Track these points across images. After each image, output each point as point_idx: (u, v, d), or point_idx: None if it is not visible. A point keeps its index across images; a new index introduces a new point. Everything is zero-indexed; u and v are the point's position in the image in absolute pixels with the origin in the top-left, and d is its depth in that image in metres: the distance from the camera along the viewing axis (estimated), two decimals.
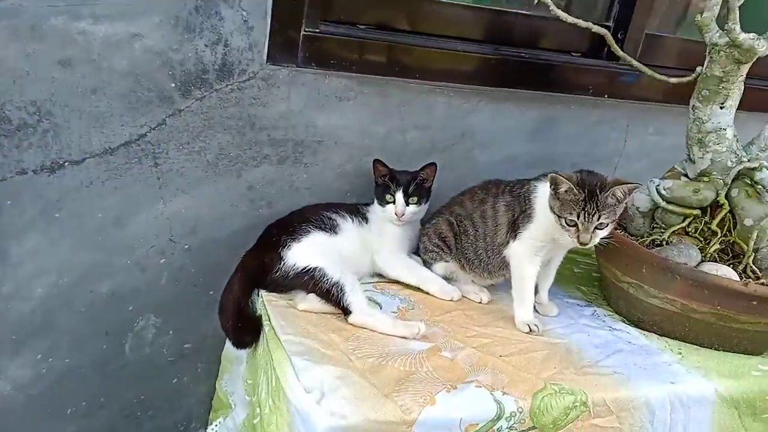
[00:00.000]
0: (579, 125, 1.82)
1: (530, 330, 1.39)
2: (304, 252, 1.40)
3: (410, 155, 1.66)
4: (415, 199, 1.54)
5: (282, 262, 1.38)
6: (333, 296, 1.34)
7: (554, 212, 1.31)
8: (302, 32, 1.46)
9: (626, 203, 1.34)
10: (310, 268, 1.37)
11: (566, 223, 1.29)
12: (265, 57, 1.44)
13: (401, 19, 1.64)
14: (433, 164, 1.56)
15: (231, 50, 1.41)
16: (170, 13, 1.35)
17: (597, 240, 1.30)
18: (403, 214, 1.53)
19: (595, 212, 1.27)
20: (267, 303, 1.39)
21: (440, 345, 1.31)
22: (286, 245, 1.40)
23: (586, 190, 1.27)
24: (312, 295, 1.37)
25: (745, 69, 1.37)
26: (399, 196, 1.53)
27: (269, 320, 1.34)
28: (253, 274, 1.41)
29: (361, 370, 1.19)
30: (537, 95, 1.75)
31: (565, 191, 1.28)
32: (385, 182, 1.55)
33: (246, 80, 1.45)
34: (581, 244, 1.29)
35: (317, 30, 1.49)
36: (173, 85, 1.40)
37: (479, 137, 1.73)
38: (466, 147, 1.72)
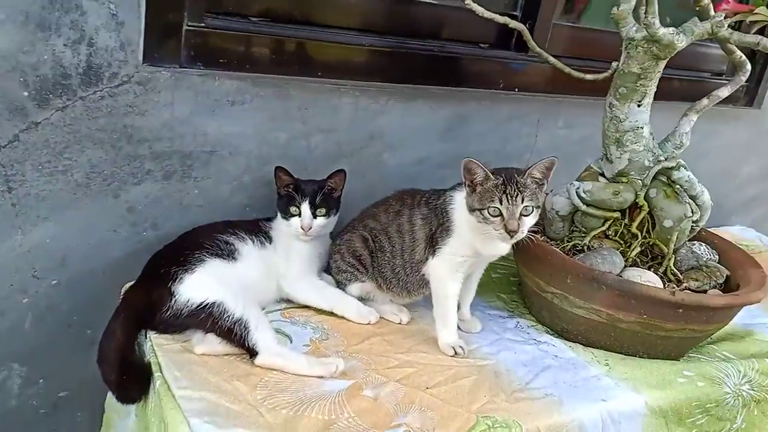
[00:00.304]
0: (490, 122, 1.74)
1: (455, 353, 1.29)
2: (199, 285, 1.21)
3: (316, 162, 1.50)
4: (323, 210, 1.39)
5: (173, 299, 1.19)
6: (236, 336, 1.17)
7: (475, 209, 1.21)
8: (185, 27, 1.26)
9: (547, 181, 1.26)
10: (208, 304, 1.18)
11: (490, 214, 1.19)
12: (141, 57, 1.22)
13: (300, 10, 1.47)
14: (342, 171, 1.42)
15: (97, 50, 1.18)
16: (17, 8, 1.11)
17: (525, 230, 1.21)
18: (311, 228, 1.37)
19: (517, 194, 1.19)
20: (157, 348, 1.19)
21: (361, 381, 1.18)
22: (177, 278, 1.20)
23: (502, 175, 1.21)
24: (211, 336, 1.19)
25: (663, 65, 1.32)
26: (305, 207, 1.37)
27: (160, 370, 1.14)
28: (138, 315, 1.20)
29: (274, 427, 1.04)
30: (448, 91, 1.64)
31: (482, 179, 1.21)
32: (289, 193, 1.39)
33: (118, 85, 1.23)
34: (510, 232, 1.19)
35: (202, 24, 1.29)
36: (26, 94, 1.17)
37: (389, 139, 1.59)
38: (375, 150, 1.59)
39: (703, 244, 1.52)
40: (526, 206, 1.21)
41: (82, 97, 1.20)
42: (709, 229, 1.62)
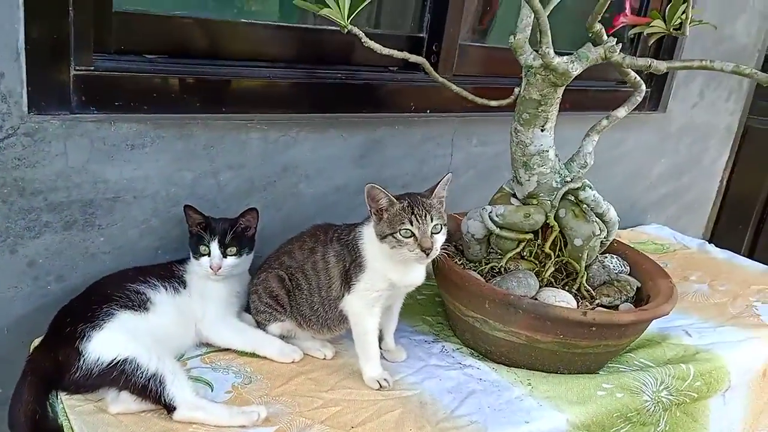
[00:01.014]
0: (405, 145, 1.74)
1: (380, 386, 1.28)
2: (109, 342, 1.16)
3: (227, 199, 1.47)
4: (234, 249, 1.36)
5: (81, 359, 1.13)
6: (151, 392, 1.13)
7: (386, 234, 1.22)
8: (72, 71, 1.20)
9: (444, 197, 1.30)
10: (119, 361, 1.14)
11: (402, 236, 1.21)
12: (25, 108, 1.16)
13: (198, 44, 1.42)
14: (254, 210, 1.39)
15: None
16: None
17: (438, 247, 1.24)
18: (220, 268, 1.34)
19: (425, 213, 1.22)
20: (69, 410, 1.14)
21: (285, 426, 1.16)
22: (84, 336, 1.15)
23: (405, 198, 1.24)
24: (125, 393, 1.14)
25: (561, 91, 1.35)
26: (214, 246, 1.34)
27: None
28: (45, 377, 1.14)
29: None
30: (359, 118, 1.63)
31: (387, 205, 1.22)
32: (199, 231, 1.35)
33: (4, 138, 1.16)
34: (425, 251, 1.21)
35: (91, 67, 1.23)
36: None
37: (303, 169, 1.57)
38: (289, 182, 1.56)
39: (615, 256, 1.57)
40: (435, 225, 1.23)
41: None
42: (620, 240, 1.67)
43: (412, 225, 1.21)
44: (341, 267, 1.29)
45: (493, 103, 1.45)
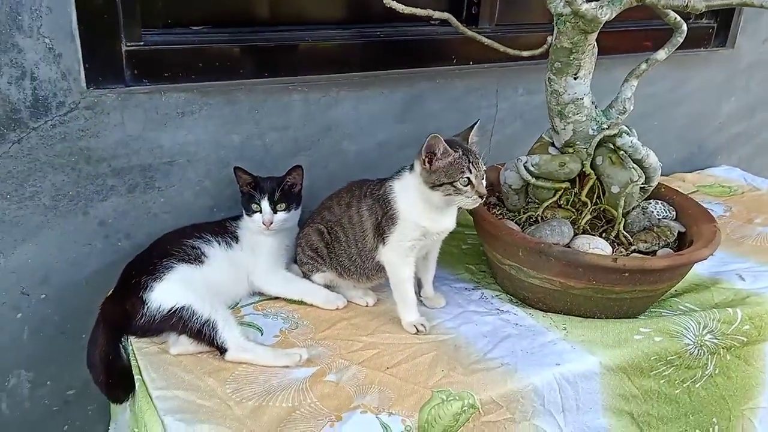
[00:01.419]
0: (447, 98, 1.76)
1: (417, 331, 1.36)
2: (168, 292, 1.29)
3: (274, 159, 1.56)
4: (283, 205, 1.45)
5: (145, 307, 1.27)
6: (205, 336, 1.26)
7: (442, 183, 1.26)
8: (124, 48, 1.31)
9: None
10: (177, 308, 1.27)
11: (461, 184, 1.25)
12: (83, 84, 1.29)
13: (238, 13, 1.50)
14: (299, 167, 1.47)
15: (41, 83, 1.25)
16: None
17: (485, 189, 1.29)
18: (272, 223, 1.44)
19: (477, 160, 1.27)
20: (137, 351, 1.29)
21: (325, 367, 1.26)
22: (147, 287, 1.29)
23: (457, 147, 1.27)
24: (184, 337, 1.28)
25: (592, 38, 1.33)
26: (265, 204, 1.44)
27: (140, 372, 1.24)
28: (116, 324, 1.30)
29: (241, 419, 1.12)
30: (398, 74, 1.67)
31: (442, 154, 1.25)
32: (250, 191, 1.45)
33: (67, 112, 1.29)
34: (482, 196, 1.27)
35: (141, 42, 1.34)
36: None
37: (345, 128, 1.64)
38: (333, 140, 1.63)
39: (660, 202, 1.55)
40: (484, 170, 1.28)
41: (34, 128, 1.27)
42: (667, 184, 1.64)
43: (471, 173, 1.25)
44: (374, 220, 1.36)
45: (526, 53, 1.45)
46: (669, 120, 2.28)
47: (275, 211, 1.44)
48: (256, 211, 1.44)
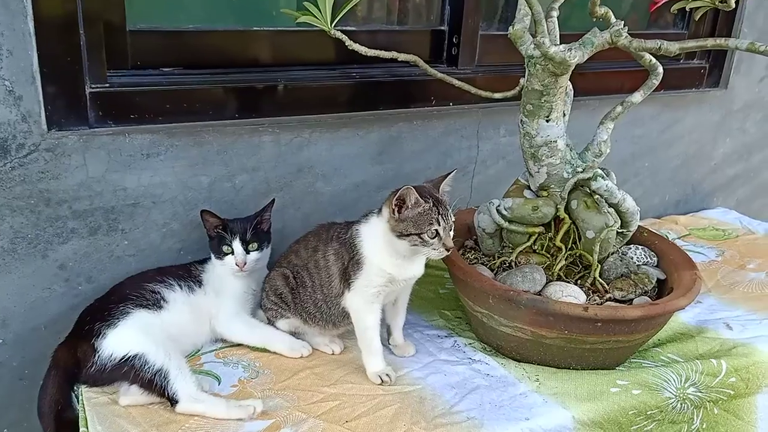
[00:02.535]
0: (426, 139, 1.74)
1: (382, 381, 1.30)
2: (122, 339, 1.25)
3: (244, 200, 1.54)
4: (255, 245, 1.42)
5: (96, 355, 1.23)
6: (157, 386, 1.21)
7: (410, 233, 1.22)
8: (88, 89, 1.30)
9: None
10: (129, 357, 1.23)
11: (429, 236, 1.22)
12: (44, 126, 1.27)
13: (208, 54, 1.49)
14: (271, 203, 1.46)
15: (0, 125, 1.23)
16: None
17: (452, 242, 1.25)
18: (245, 263, 1.40)
19: (447, 212, 1.24)
20: (86, 402, 1.25)
21: (281, 420, 1.20)
22: (100, 334, 1.25)
23: (429, 196, 1.23)
24: (135, 387, 1.23)
25: (564, 80, 1.30)
26: (237, 244, 1.40)
27: (86, 425, 1.20)
28: (67, 371, 1.25)
29: None
30: (374, 115, 1.64)
31: (413, 204, 1.22)
32: (219, 233, 1.42)
33: (27, 155, 1.28)
34: (448, 249, 1.23)
35: (106, 84, 1.32)
36: None
37: (319, 169, 1.61)
38: (306, 181, 1.61)
39: (641, 247, 1.50)
40: (452, 221, 1.25)
41: None
42: (648, 229, 1.59)
43: (439, 225, 1.22)
44: (340, 265, 1.32)
45: (497, 95, 1.42)
46: (661, 161, 2.24)
47: (248, 252, 1.41)
48: (227, 254, 1.41)
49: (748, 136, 2.40)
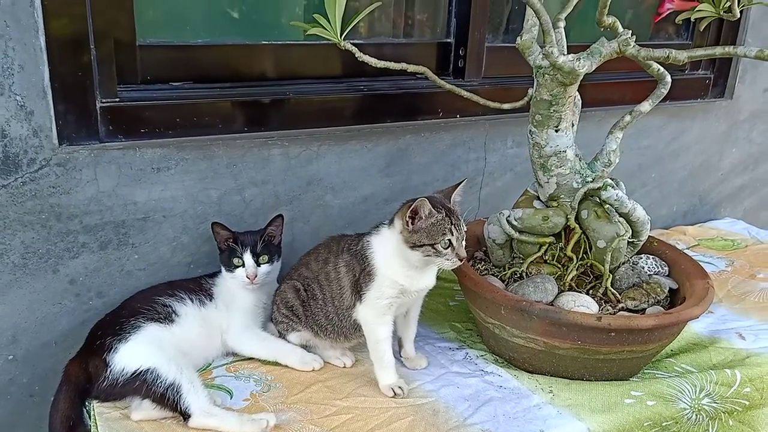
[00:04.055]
0: (434, 151, 1.74)
1: (395, 394, 1.29)
2: (133, 353, 1.24)
3: (254, 214, 1.54)
4: (266, 257, 1.42)
5: (108, 370, 1.23)
6: (169, 400, 1.20)
7: (423, 244, 1.22)
8: (99, 104, 1.30)
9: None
10: (141, 371, 1.22)
11: (442, 247, 1.21)
12: (56, 141, 1.27)
13: (218, 68, 1.50)
14: (280, 216, 1.45)
15: (12, 140, 1.24)
16: None
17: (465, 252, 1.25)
18: (256, 276, 1.40)
19: (459, 222, 1.24)
20: (98, 416, 1.24)
21: None
22: (111, 348, 1.24)
23: (441, 207, 1.23)
24: (147, 401, 1.22)
25: (572, 90, 1.30)
26: (248, 257, 1.40)
27: None
28: (79, 387, 1.25)
29: None
30: (383, 128, 1.64)
31: (427, 215, 1.21)
32: (230, 246, 1.42)
33: (38, 169, 1.28)
34: (461, 259, 1.23)
35: (116, 98, 1.33)
36: None
37: (328, 182, 1.61)
38: (315, 195, 1.61)
39: (652, 256, 1.49)
40: (464, 231, 1.25)
41: (4, 185, 1.25)
42: (659, 239, 1.59)
43: (452, 235, 1.22)
44: (351, 277, 1.31)
45: (506, 105, 1.43)
46: (668, 172, 2.24)
47: (258, 264, 1.41)
48: (238, 266, 1.41)
49: (755, 146, 2.40)
